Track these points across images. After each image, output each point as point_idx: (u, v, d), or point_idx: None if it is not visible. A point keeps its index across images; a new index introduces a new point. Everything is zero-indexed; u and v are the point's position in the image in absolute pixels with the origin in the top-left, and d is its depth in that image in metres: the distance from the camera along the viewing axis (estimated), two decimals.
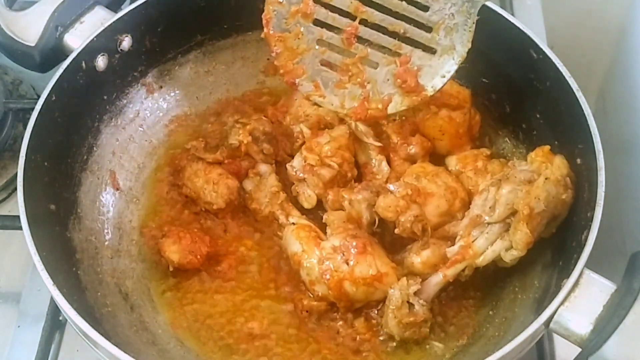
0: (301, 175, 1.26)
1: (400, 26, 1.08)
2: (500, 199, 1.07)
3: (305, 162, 1.25)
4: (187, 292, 1.21)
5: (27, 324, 1.22)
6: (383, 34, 1.09)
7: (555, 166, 1.08)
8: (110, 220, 1.27)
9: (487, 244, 1.10)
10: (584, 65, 1.30)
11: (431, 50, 1.10)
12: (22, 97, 1.52)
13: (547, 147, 1.13)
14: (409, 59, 1.10)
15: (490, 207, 1.09)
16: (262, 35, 1.10)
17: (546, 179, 1.06)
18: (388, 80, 1.11)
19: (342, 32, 1.09)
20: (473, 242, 1.10)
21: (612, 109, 1.52)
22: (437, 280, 1.11)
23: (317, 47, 1.10)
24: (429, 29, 1.09)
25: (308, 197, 1.26)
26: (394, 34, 1.09)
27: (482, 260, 1.10)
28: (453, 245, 1.12)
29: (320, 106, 1.18)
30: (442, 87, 1.11)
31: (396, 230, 1.15)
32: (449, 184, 1.18)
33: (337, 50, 1.11)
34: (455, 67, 1.10)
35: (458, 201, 1.17)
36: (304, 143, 1.29)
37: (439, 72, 1.10)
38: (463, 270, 1.11)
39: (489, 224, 1.09)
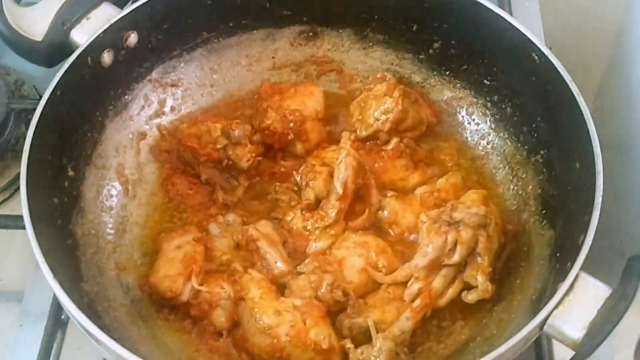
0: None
1: None
2: (464, 244, 1.12)
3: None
4: None
5: (30, 323, 1.23)
6: None
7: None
8: (113, 215, 1.29)
9: (444, 284, 1.15)
10: (582, 66, 1.30)
11: None
12: (24, 98, 1.52)
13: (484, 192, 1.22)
14: None
15: (450, 250, 1.13)
16: None
17: (496, 224, 1.16)
18: None
19: None
20: (431, 283, 1.14)
21: (609, 109, 1.51)
22: (408, 327, 1.12)
23: None
24: None
25: None
26: None
27: (443, 301, 1.15)
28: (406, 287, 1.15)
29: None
30: None
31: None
32: (357, 241, 1.20)
33: None
34: None
35: (373, 251, 1.18)
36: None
37: None
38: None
39: (446, 265, 1.14)
